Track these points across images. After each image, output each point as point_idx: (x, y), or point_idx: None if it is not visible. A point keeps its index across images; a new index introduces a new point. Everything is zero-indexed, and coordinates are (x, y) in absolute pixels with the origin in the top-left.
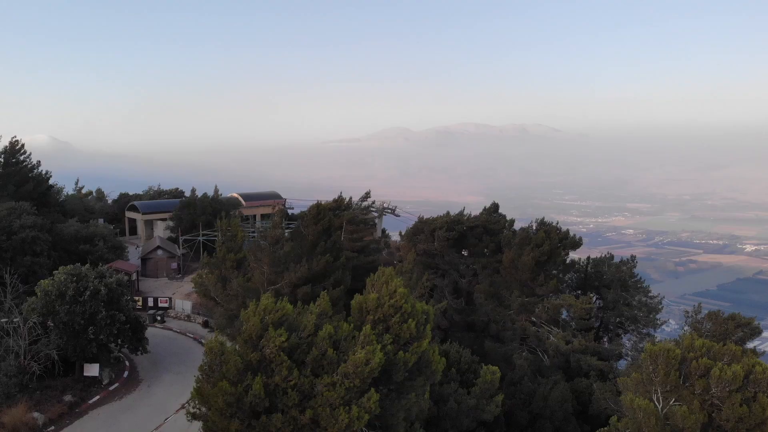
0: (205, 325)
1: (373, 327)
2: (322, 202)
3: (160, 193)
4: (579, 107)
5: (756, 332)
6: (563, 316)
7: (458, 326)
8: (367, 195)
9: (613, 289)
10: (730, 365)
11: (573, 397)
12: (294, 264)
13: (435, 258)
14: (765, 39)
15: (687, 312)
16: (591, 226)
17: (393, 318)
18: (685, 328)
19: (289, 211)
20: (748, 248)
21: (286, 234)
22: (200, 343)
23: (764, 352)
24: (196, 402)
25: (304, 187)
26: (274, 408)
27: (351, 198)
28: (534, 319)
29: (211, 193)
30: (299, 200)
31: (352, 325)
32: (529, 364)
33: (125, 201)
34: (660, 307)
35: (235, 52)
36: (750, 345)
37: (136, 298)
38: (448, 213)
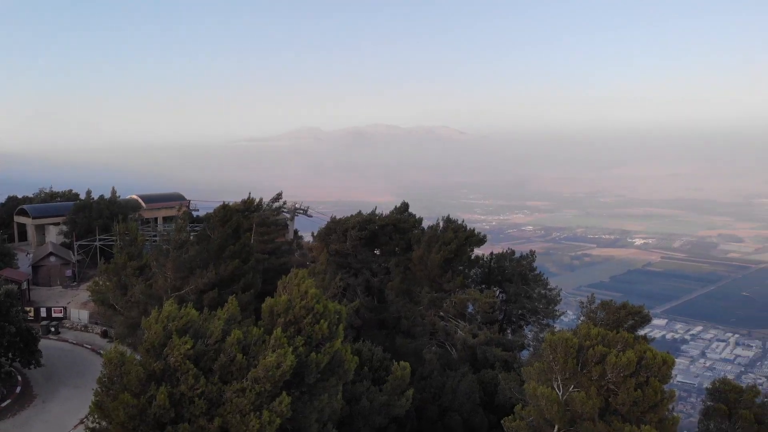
0: (104, 335)
1: (285, 329)
2: (230, 204)
3: (52, 196)
4: (482, 110)
5: (646, 320)
6: (469, 310)
7: (371, 324)
8: (278, 196)
9: (515, 283)
10: (624, 352)
11: (480, 388)
12: (200, 269)
13: (348, 257)
14: (656, 44)
15: (582, 303)
16: (494, 223)
17: (305, 319)
18: (582, 317)
19: (194, 213)
20: (638, 242)
21: (192, 237)
22: (99, 354)
23: (654, 338)
24: (96, 416)
25: (211, 188)
26: (181, 418)
27: (261, 199)
28: (442, 313)
29: (108, 194)
30: (205, 202)
31: (262, 329)
32: (438, 358)
33: (14, 204)
34: (558, 298)
35: (139, 50)
36: (641, 332)
37: (27, 308)
38: (360, 213)
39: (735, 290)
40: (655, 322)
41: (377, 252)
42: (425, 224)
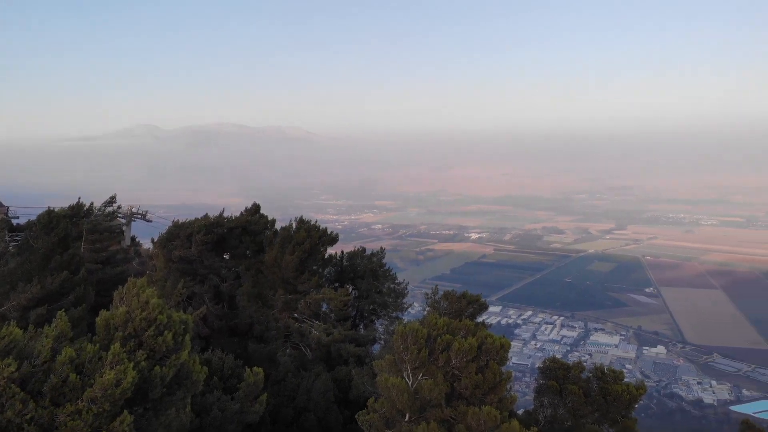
0: None
1: (124, 344)
2: (56, 209)
3: None
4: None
5: (483, 307)
6: (324, 309)
7: (221, 332)
8: (111, 199)
9: (366, 279)
10: (466, 338)
11: (334, 386)
12: (23, 283)
13: (193, 264)
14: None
15: (427, 294)
16: (346, 223)
17: (147, 332)
18: (427, 308)
19: (14, 221)
20: (474, 236)
21: (11, 248)
22: None
23: (491, 324)
24: None
25: (32, 193)
26: None
27: (93, 203)
28: (297, 315)
29: None
30: (26, 207)
31: (98, 345)
32: (292, 360)
33: None
34: (406, 292)
35: None
36: (480, 319)
37: None
38: (206, 215)
39: (559, 277)
40: (492, 309)
41: (226, 256)
42: (278, 226)
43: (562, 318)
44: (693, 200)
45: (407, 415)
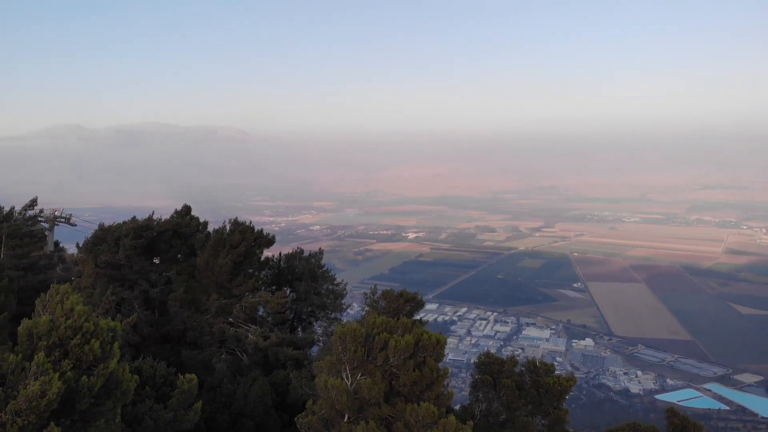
0: None
1: (48, 354)
2: None
3: None
4: (265, 111)
5: (420, 305)
6: (260, 313)
7: (152, 339)
8: (32, 202)
9: (305, 281)
10: (403, 336)
11: (272, 390)
12: None
13: (121, 269)
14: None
15: (366, 294)
16: (283, 224)
17: (72, 340)
18: (366, 308)
19: None
20: (411, 236)
21: None
22: None
23: (428, 321)
24: None
25: None
26: None
27: (13, 207)
28: (232, 320)
29: None
30: None
31: (20, 355)
32: (228, 366)
33: None
34: (345, 292)
35: None
36: (417, 316)
37: None
38: (134, 218)
39: (492, 274)
40: (429, 306)
41: (156, 261)
42: (211, 228)
43: (495, 314)
44: (616, 199)
45: (346, 416)
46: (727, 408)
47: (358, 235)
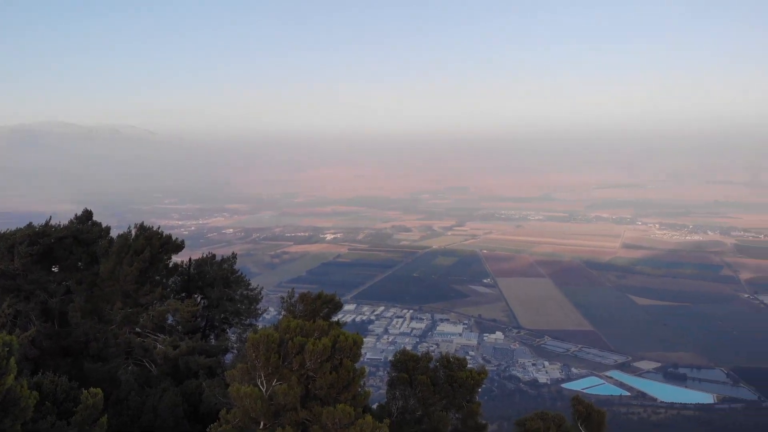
0: None
1: None
2: None
3: None
4: (174, 110)
5: (338, 306)
6: (170, 322)
7: (52, 353)
8: None
9: (217, 287)
10: (320, 339)
11: (183, 401)
12: None
13: (16, 279)
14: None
15: (283, 298)
16: (193, 228)
17: None
18: (282, 312)
19: None
20: (329, 237)
21: None
22: None
23: (346, 322)
24: None
25: None
26: None
27: None
28: (139, 329)
29: None
30: None
31: None
32: (136, 378)
33: None
34: (260, 297)
35: None
36: (335, 318)
37: None
38: (30, 225)
39: (408, 272)
40: (347, 307)
41: (55, 269)
42: (114, 233)
43: (411, 311)
44: (522, 198)
45: (261, 423)
46: (628, 394)
47: (275, 237)
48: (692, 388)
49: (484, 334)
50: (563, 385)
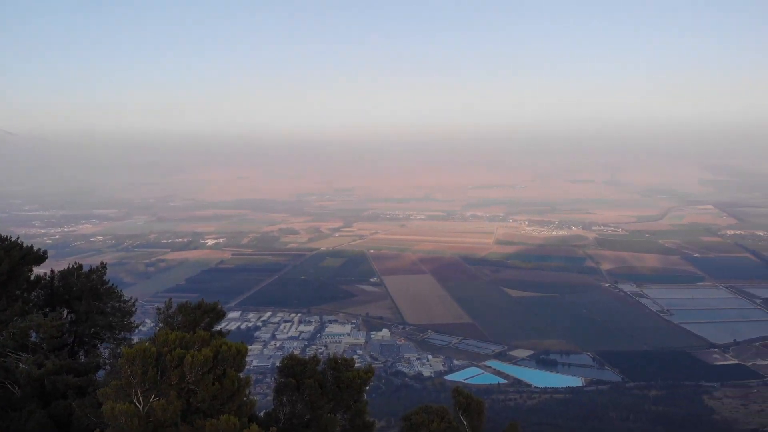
0: None
1: None
2: None
3: None
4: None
5: (220, 315)
6: (33, 339)
7: None
8: None
9: (85, 300)
10: (200, 350)
11: (52, 423)
12: None
13: None
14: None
15: (159, 309)
16: (57, 236)
17: None
18: (160, 324)
19: None
20: (210, 242)
21: None
22: None
23: (230, 331)
24: None
25: None
26: None
27: None
28: None
29: None
30: None
31: None
32: None
33: None
34: (134, 309)
35: None
36: (218, 327)
37: None
38: None
39: (296, 275)
40: (231, 315)
41: None
42: None
43: (300, 314)
44: (405, 198)
45: None
46: (506, 381)
47: (149, 244)
48: (563, 373)
49: (372, 332)
50: (446, 377)
